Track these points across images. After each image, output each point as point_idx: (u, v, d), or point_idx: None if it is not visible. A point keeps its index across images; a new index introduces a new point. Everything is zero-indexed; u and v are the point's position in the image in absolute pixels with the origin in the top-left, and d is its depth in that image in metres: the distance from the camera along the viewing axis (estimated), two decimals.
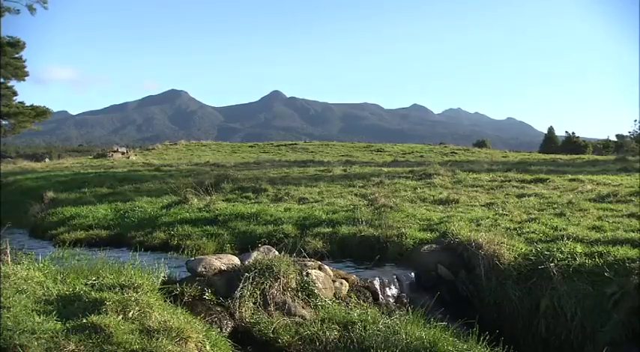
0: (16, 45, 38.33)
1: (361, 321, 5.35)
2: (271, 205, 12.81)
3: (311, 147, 39.48)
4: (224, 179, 16.73)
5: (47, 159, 46.78)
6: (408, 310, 5.87)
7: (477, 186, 14.75)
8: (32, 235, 13.44)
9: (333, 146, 40.18)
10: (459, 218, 10.02)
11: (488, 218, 10.09)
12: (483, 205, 11.93)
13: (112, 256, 7.44)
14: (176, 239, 10.43)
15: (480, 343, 5.37)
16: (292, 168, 20.89)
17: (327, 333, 5.11)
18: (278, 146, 40.64)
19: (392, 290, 7.17)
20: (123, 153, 35.59)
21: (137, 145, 61.27)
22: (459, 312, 6.68)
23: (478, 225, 9.47)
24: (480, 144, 69.22)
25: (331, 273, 6.72)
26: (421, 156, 31.16)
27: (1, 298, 4.54)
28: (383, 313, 5.90)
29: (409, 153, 33.57)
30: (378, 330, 5.12)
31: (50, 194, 17.15)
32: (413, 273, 7.68)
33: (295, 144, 42.33)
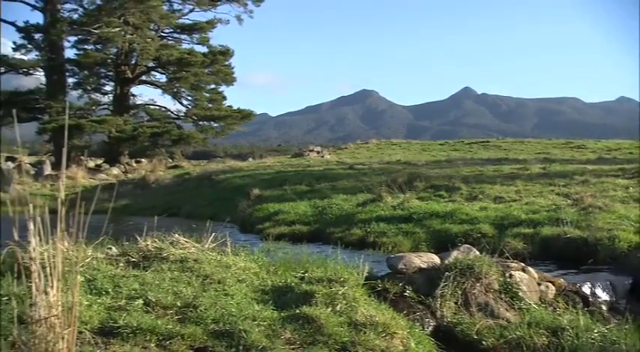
0: (226, 53, 41.92)
1: (572, 328, 5.05)
2: (465, 204, 12.56)
3: (504, 144, 37.96)
4: (416, 177, 16.72)
5: (250, 159, 50.47)
6: (627, 319, 5.41)
7: None
8: (242, 229, 14.56)
9: (527, 143, 38.26)
10: None
11: None
12: None
13: (313, 251, 7.86)
14: (372, 236, 10.67)
15: None
16: (486, 166, 20.24)
17: (535, 338, 4.90)
18: (469, 144, 39.67)
19: (604, 297, 6.67)
20: (318, 152, 37.08)
21: (330, 144, 63.57)
22: None
23: None
24: None
25: (536, 276, 6.44)
26: (630, 152, 28.42)
27: (225, 286, 5.03)
28: (598, 321, 5.51)
29: (615, 150, 30.79)
30: (592, 339, 4.80)
31: (256, 191, 18.43)
32: (630, 280, 7.08)
33: (487, 141, 40.99)
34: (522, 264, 6.58)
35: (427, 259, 6.32)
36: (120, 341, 3.85)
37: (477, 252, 6.54)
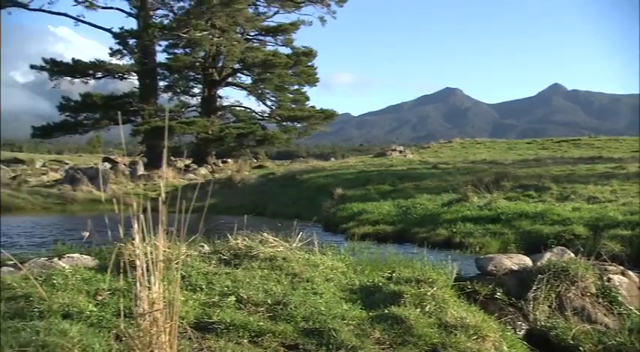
0: (309, 54, 42.38)
1: None
2: (557, 204, 12.13)
3: (597, 142, 36.25)
4: (503, 177, 16.29)
5: (333, 159, 50.76)
6: None
7: None
8: (325, 229, 14.67)
9: (623, 141, 36.33)
10: None
11: None
12: None
13: (398, 251, 7.82)
14: (458, 236, 10.51)
15: None
16: (577, 166, 19.44)
17: (637, 345, 4.67)
18: (558, 142, 38.15)
19: None
20: (400, 152, 36.80)
21: (412, 144, 62.97)
22: None
23: None
24: None
25: (636, 280, 6.13)
26: None
27: (314, 285, 5.09)
28: None
29: None
30: None
31: (339, 191, 18.54)
32: None
33: (578, 139, 39.29)
34: (621, 268, 6.29)
35: (518, 261, 6.15)
36: (214, 337, 3.97)
37: (572, 254, 6.30)
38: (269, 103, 44.99)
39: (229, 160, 43.17)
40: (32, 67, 39.46)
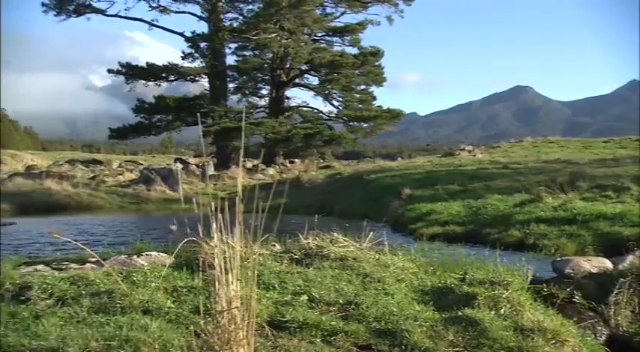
0: (376, 54, 42.28)
1: None
2: (637, 205, 11.62)
3: None
4: (579, 177, 15.73)
5: (399, 158, 50.40)
6: None
7: None
8: (393, 229, 14.57)
9: None
10: None
11: None
12: None
13: (469, 252, 7.68)
14: (532, 238, 10.22)
15: None
16: None
17: None
18: (638, 140, 36.50)
19: None
20: (469, 151, 36.18)
21: (481, 143, 61.75)
22: None
23: None
24: None
25: None
26: None
27: (385, 285, 5.08)
28: None
29: None
30: None
31: (407, 191, 18.38)
32: None
33: None
34: None
35: (597, 263, 5.94)
36: (288, 335, 4.03)
37: None
38: (336, 103, 45.20)
39: (296, 160, 43.59)
40: (109, 71, 41.13)
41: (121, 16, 40.04)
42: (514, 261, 6.30)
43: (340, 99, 44.86)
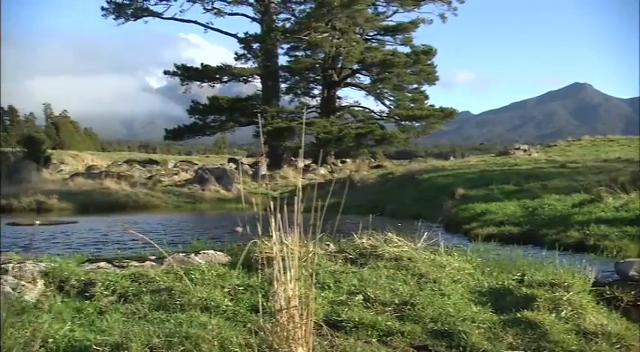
0: (429, 52, 41.84)
1: None
2: None
3: None
4: None
5: (452, 158, 49.78)
6: None
7: None
8: (446, 229, 14.41)
9: None
10: None
11: None
12: None
13: (526, 253, 7.53)
14: (592, 239, 9.94)
15: None
16: None
17: None
18: None
19: None
20: (524, 151, 35.43)
21: (537, 142, 60.38)
22: None
23: None
24: None
25: None
26: None
27: (441, 286, 5.03)
28: None
29: None
30: None
31: (460, 190, 18.16)
32: None
33: None
34: None
35: None
36: (344, 334, 4.03)
37: None
38: (387, 103, 44.94)
39: (348, 160, 43.55)
40: (165, 72, 42.07)
41: (176, 19, 40.99)
42: (574, 263, 6.14)
43: (392, 98, 44.59)
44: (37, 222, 15.30)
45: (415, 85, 44.22)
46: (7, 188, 24.40)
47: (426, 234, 6.55)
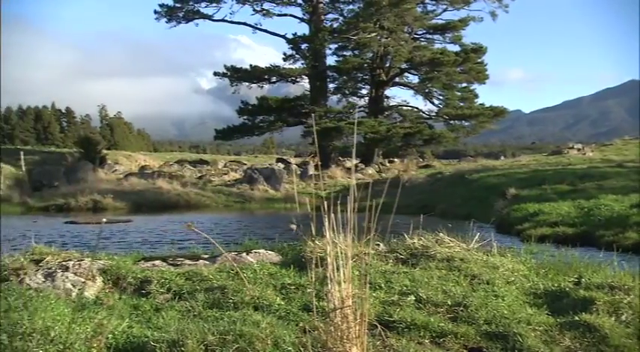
0: (479, 51, 41.15)
1: None
2: None
3: None
4: None
5: (503, 157, 48.89)
6: None
7: None
8: (498, 229, 14.17)
9: None
10: None
11: None
12: None
13: (582, 254, 7.34)
14: None
15: None
16: None
17: None
18: None
19: None
20: (578, 150, 34.55)
21: (592, 141, 58.74)
22: None
23: None
24: None
25: None
26: None
27: (494, 287, 4.95)
28: None
29: None
30: None
31: (512, 190, 17.86)
32: None
33: None
34: None
35: None
36: (396, 335, 4.01)
37: None
38: (436, 102, 44.43)
39: (396, 160, 43.28)
40: (215, 73, 42.68)
41: (226, 21, 41.55)
42: (634, 265, 5.96)
43: (441, 97, 44.06)
44: (104, 220, 15.80)
45: (465, 84, 43.56)
46: (65, 187, 25.25)
47: (477, 234, 6.46)
